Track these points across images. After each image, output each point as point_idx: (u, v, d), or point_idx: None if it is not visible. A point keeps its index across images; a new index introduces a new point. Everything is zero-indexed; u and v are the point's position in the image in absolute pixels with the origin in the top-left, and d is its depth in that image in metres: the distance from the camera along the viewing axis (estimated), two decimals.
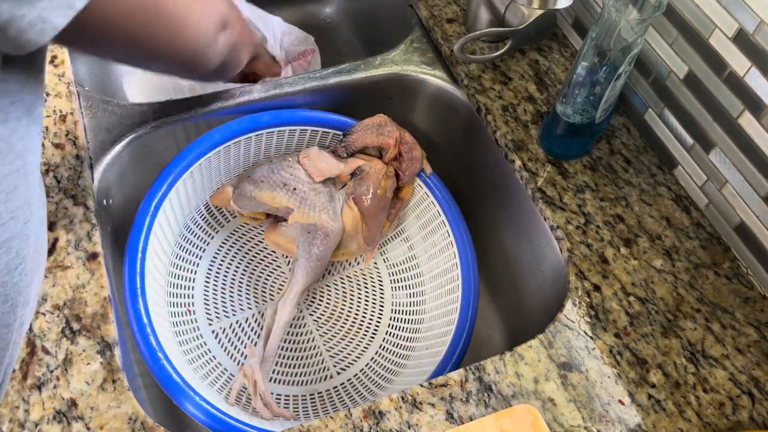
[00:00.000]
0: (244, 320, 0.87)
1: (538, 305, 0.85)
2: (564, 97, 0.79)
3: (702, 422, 0.64)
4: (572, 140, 0.81)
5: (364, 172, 0.84)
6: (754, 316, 0.72)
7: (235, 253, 0.92)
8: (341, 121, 0.88)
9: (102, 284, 0.68)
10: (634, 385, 0.66)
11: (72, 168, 0.76)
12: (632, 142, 0.86)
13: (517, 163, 0.83)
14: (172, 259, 0.83)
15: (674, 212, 0.80)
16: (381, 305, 0.91)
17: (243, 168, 0.90)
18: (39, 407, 0.60)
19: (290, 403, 0.81)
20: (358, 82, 0.92)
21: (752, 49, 0.69)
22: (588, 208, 0.79)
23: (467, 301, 0.79)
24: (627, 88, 0.87)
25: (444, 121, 0.97)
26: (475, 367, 0.66)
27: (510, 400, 0.64)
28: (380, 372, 0.84)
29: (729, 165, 0.75)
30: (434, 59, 0.96)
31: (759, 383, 0.67)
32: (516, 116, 0.87)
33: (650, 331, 0.70)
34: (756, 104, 0.70)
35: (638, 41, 0.71)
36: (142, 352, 0.68)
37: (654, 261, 0.75)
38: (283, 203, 0.82)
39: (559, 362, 0.67)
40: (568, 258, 0.75)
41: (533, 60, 0.94)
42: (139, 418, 0.60)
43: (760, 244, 0.73)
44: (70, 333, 0.65)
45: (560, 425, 0.63)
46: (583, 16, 0.93)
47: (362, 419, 0.62)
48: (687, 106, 0.79)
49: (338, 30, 1.29)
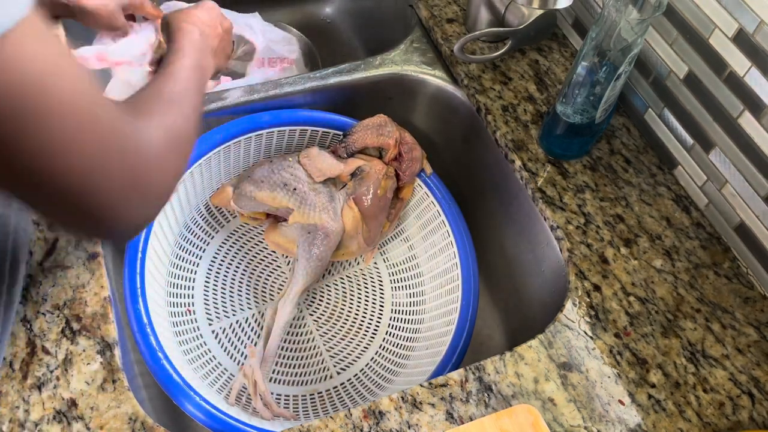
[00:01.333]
0: (244, 320, 0.87)
1: (538, 305, 0.85)
2: (564, 97, 0.79)
3: (702, 422, 0.64)
4: (572, 140, 0.81)
5: (364, 172, 0.84)
6: (754, 316, 0.72)
7: (235, 253, 0.92)
8: (341, 121, 0.88)
9: (102, 284, 0.68)
10: (634, 385, 0.66)
11: None
12: (632, 142, 0.86)
13: (517, 163, 0.83)
14: (172, 259, 0.83)
15: (674, 212, 0.80)
16: (381, 305, 0.91)
17: (243, 168, 0.90)
18: (39, 407, 0.60)
19: (290, 403, 0.81)
20: (358, 82, 0.92)
21: (752, 49, 0.69)
22: (588, 208, 0.79)
23: (467, 301, 0.79)
24: (627, 88, 0.87)
25: (444, 121, 0.97)
26: (475, 367, 0.66)
27: (510, 400, 0.64)
28: (380, 372, 0.84)
29: (729, 165, 0.75)
30: (434, 59, 0.96)
31: (759, 383, 0.67)
32: (516, 116, 0.87)
33: (650, 331, 0.70)
34: (756, 104, 0.70)
35: (638, 41, 0.71)
36: (142, 352, 0.68)
37: (654, 261, 0.75)
38: (283, 203, 0.82)
39: (559, 362, 0.67)
40: (568, 258, 0.75)
41: (533, 60, 0.94)
42: (139, 418, 0.60)
43: (760, 244, 0.73)
44: (70, 333, 0.65)
45: (560, 425, 0.63)
46: (583, 16, 0.93)
47: (362, 419, 0.61)
48: (687, 106, 0.79)
49: (338, 30, 1.29)
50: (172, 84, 0.58)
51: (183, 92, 0.58)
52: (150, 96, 0.55)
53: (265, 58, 0.98)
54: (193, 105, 0.58)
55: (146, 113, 0.50)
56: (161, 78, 0.59)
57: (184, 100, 0.56)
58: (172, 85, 0.58)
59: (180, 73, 0.61)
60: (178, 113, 0.54)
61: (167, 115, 0.52)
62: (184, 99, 0.57)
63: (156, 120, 0.49)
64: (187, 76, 0.61)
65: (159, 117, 0.50)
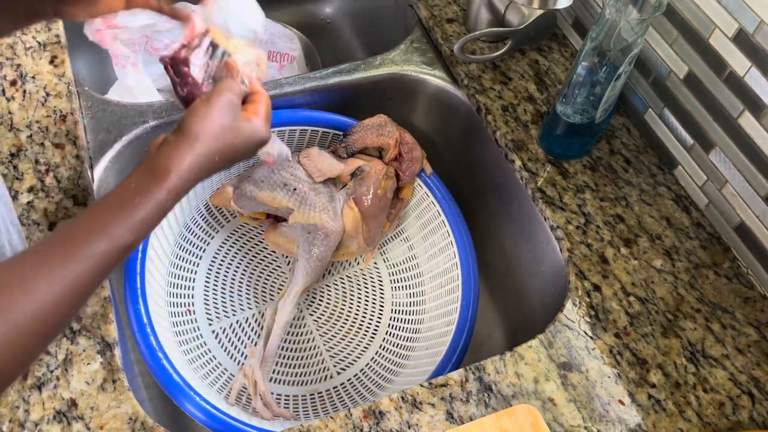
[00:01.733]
0: (244, 320, 0.86)
1: (538, 305, 0.85)
2: (564, 97, 0.79)
3: (702, 422, 0.64)
4: (572, 140, 0.81)
5: (364, 172, 0.84)
6: (754, 316, 0.72)
7: (235, 253, 0.92)
8: (341, 121, 0.88)
9: (102, 284, 0.68)
10: (634, 385, 0.66)
11: (72, 168, 0.76)
12: (632, 142, 0.86)
13: (517, 163, 0.83)
14: (172, 259, 0.83)
15: (674, 212, 0.80)
16: (381, 305, 0.91)
17: (243, 168, 0.90)
18: (39, 407, 0.60)
19: (290, 403, 0.81)
20: (358, 82, 0.92)
21: (752, 49, 0.69)
22: (588, 208, 0.79)
23: (467, 301, 0.79)
24: (627, 88, 0.87)
25: (444, 121, 0.97)
26: (475, 367, 0.66)
27: (510, 400, 0.64)
28: (380, 372, 0.84)
29: (729, 165, 0.75)
30: (434, 59, 0.96)
31: (759, 383, 0.67)
32: (516, 116, 0.87)
33: (650, 331, 0.70)
34: (756, 104, 0.70)
35: (638, 41, 0.71)
36: (142, 352, 0.68)
37: (654, 261, 0.75)
38: (283, 203, 0.82)
39: (559, 362, 0.67)
40: (568, 258, 0.75)
41: (533, 60, 0.94)
42: (139, 418, 0.60)
43: (760, 244, 0.73)
44: (70, 333, 0.65)
45: (560, 425, 0.63)
46: (583, 16, 0.93)
47: (362, 419, 0.61)
48: (687, 106, 0.79)
49: (338, 30, 1.29)
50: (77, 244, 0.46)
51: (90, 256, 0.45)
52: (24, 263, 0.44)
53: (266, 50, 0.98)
54: (96, 268, 0.46)
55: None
56: (71, 227, 0.46)
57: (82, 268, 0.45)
58: (77, 246, 0.45)
59: (113, 227, 0.47)
60: (50, 295, 0.43)
61: (26, 301, 0.42)
62: (85, 264, 0.45)
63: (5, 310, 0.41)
64: (118, 234, 0.47)
65: (9, 303, 0.41)
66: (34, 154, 0.76)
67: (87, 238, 0.46)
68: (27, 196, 0.73)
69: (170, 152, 0.52)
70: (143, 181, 0.50)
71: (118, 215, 0.48)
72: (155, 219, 0.50)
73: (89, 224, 0.47)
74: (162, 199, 0.50)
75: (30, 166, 0.75)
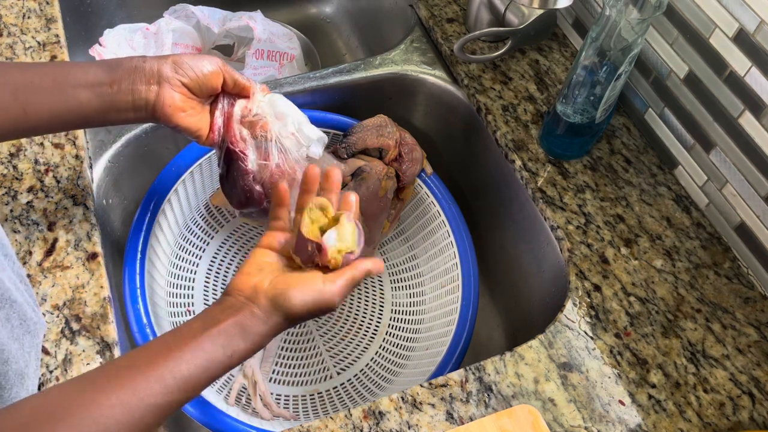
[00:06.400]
0: None
1: (538, 305, 0.85)
2: (564, 97, 0.79)
3: (702, 422, 0.64)
4: (572, 140, 0.81)
5: (364, 173, 0.84)
6: (755, 316, 0.72)
7: (235, 253, 0.91)
8: (341, 121, 0.88)
9: (102, 284, 0.68)
10: (635, 386, 0.66)
11: (72, 168, 0.76)
12: (632, 142, 0.86)
13: (517, 163, 0.83)
14: (172, 259, 0.83)
15: (674, 212, 0.80)
16: (381, 305, 0.91)
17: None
18: None
19: (290, 403, 0.81)
20: (358, 82, 0.92)
21: (752, 49, 0.69)
22: (588, 208, 0.79)
23: (467, 301, 0.79)
24: (627, 88, 0.87)
25: (444, 121, 0.97)
26: (475, 368, 0.66)
27: (510, 401, 0.64)
28: (380, 372, 0.84)
29: (729, 165, 0.75)
30: (434, 59, 0.96)
31: (759, 383, 0.67)
32: (516, 116, 0.87)
33: (650, 331, 0.70)
34: (756, 104, 0.70)
35: (638, 41, 0.71)
36: None
37: (654, 261, 0.75)
38: None
39: (559, 362, 0.67)
40: (568, 258, 0.75)
41: (533, 60, 0.94)
42: None
43: (761, 244, 0.73)
44: (70, 333, 0.64)
45: (560, 425, 0.63)
46: (583, 16, 0.93)
47: (362, 419, 0.61)
48: (687, 106, 0.79)
49: (338, 30, 1.29)
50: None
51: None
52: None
53: (265, 50, 0.98)
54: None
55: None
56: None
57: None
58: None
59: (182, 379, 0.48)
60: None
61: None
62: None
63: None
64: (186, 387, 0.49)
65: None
66: (33, 153, 0.76)
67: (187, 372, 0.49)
68: (26, 196, 0.73)
69: (268, 332, 0.53)
70: (233, 340, 0.51)
71: (205, 368, 0.50)
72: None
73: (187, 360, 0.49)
74: (250, 353, 0.52)
75: (29, 166, 0.75)
